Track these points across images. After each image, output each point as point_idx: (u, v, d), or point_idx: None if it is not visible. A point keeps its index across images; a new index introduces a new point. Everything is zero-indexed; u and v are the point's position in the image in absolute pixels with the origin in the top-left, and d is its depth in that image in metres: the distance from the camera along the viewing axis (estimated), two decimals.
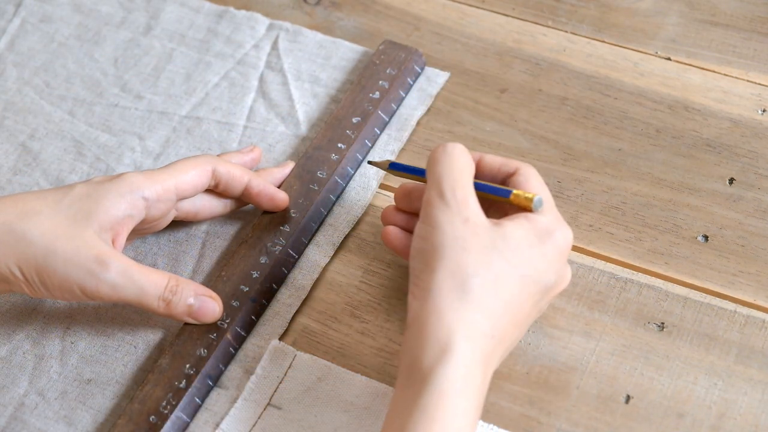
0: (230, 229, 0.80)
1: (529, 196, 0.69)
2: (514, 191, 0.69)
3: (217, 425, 0.71)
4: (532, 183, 0.70)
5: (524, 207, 0.69)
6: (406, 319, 0.66)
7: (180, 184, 0.75)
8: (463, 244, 0.65)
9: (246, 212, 0.81)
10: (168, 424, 0.70)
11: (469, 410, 0.63)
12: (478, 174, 0.72)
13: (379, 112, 0.83)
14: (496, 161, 0.72)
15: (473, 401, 0.63)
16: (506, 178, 0.71)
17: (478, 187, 0.70)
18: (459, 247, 0.65)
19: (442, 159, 0.68)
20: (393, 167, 0.76)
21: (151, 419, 0.70)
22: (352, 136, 0.82)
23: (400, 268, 0.77)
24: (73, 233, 0.70)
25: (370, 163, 0.79)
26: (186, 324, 0.74)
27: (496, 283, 0.65)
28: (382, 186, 0.81)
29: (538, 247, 0.67)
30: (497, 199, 0.70)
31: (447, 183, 0.67)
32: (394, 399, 0.64)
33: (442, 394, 0.62)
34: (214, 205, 0.79)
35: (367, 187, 0.81)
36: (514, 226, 0.67)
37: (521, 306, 0.66)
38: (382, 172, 0.81)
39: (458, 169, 0.68)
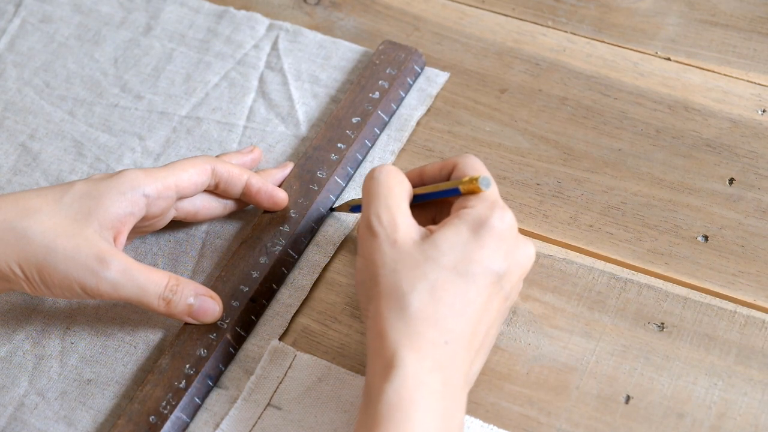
0: (230, 229, 0.80)
1: (474, 178, 0.68)
2: (460, 183, 0.69)
3: (217, 425, 0.71)
4: (473, 168, 0.70)
5: (475, 191, 0.68)
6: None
7: (180, 181, 0.75)
8: (394, 266, 0.66)
9: (246, 212, 0.81)
10: (168, 424, 0.70)
11: (427, 418, 0.62)
12: (427, 185, 0.72)
13: (379, 112, 0.83)
14: (435, 166, 0.72)
15: (431, 408, 0.63)
16: (450, 177, 0.72)
17: (426, 197, 0.71)
18: (390, 270, 0.66)
19: (368, 186, 0.70)
20: (354, 210, 0.78)
21: (151, 419, 0.70)
22: (352, 136, 0.82)
23: None
24: (73, 231, 0.71)
25: (332, 210, 0.80)
26: (186, 324, 0.74)
27: (434, 291, 0.65)
28: None
29: (474, 240, 0.67)
30: (454, 199, 0.70)
31: (372, 211, 0.68)
32: (356, 423, 0.65)
33: (392, 408, 0.62)
34: (214, 206, 0.79)
35: None
36: (445, 229, 0.67)
37: (473, 303, 0.66)
38: None
39: (383, 194, 0.68)
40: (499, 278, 0.67)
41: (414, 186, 0.72)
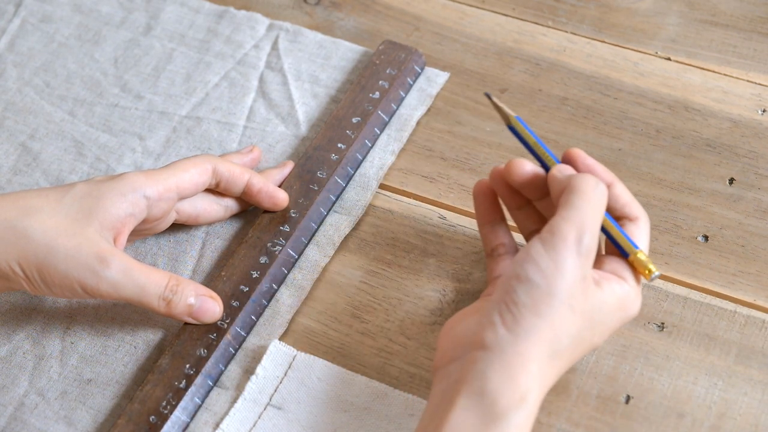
0: (230, 229, 0.80)
1: (650, 268, 0.67)
2: (638, 255, 0.67)
3: (217, 425, 0.71)
4: (644, 239, 0.69)
5: (639, 271, 0.68)
6: (486, 336, 0.63)
7: (181, 182, 0.75)
8: (574, 303, 0.63)
9: (246, 212, 0.81)
10: (168, 424, 0.70)
11: None
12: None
13: (379, 112, 0.83)
14: (622, 198, 0.69)
15: None
16: (621, 218, 0.69)
17: (604, 232, 0.68)
18: (569, 305, 0.63)
19: (592, 197, 0.65)
20: (511, 130, 0.71)
21: (151, 419, 0.70)
22: (352, 136, 0.82)
23: (400, 268, 0.77)
24: (74, 230, 0.71)
25: (488, 95, 0.71)
26: (186, 324, 0.74)
27: (577, 345, 0.65)
28: (382, 186, 0.81)
29: (617, 319, 0.67)
30: (617, 249, 0.68)
31: (588, 228, 0.64)
32: (453, 417, 0.62)
33: None
34: (215, 210, 0.79)
35: (367, 187, 0.81)
36: (611, 294, 0.66)
37: (577, 358, 0.67)
38: (382, 172, 0.81)
39: (598, 216, 0.65)
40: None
41: None
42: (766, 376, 0.70)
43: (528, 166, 0.70)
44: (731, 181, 0.79)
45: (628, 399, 0.70)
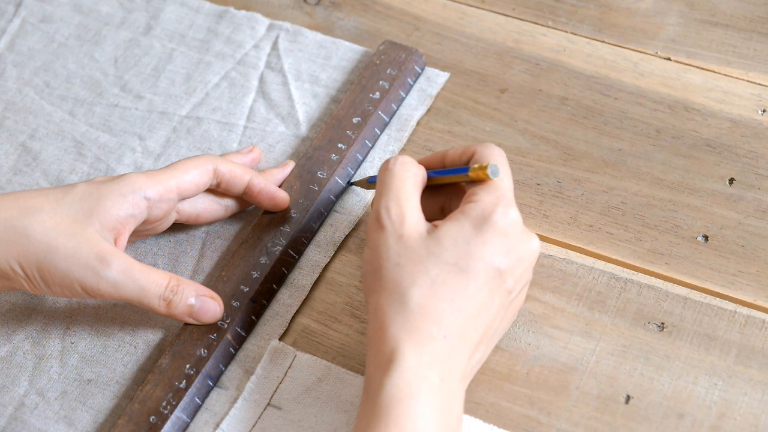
0: (230, 230, 0.80)
1: (483, 166, 0.68)
2: (470, 167, 0.69)
3: (217, 425, 0.71)
4: (491, 157, 0.70)
5: (483, 179, 0.69)
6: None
7: (182, 183, 0.75)
8: (397, 260, 0.67)
9: (246, 212, 0.81)
10: (168, 424, 0.70)
11: (426, 411, 0.63)
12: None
13: (380, 112, 0.83)
14: (456, 151, 0.72)
15: (430, 402, 0.64)
16: (473, 158, 0.71)
17: (438, 174, 0.71)
18: (393, 264, 0.67)
19: (382, 177, 0.70)
20: (372, 180, 0.78)
21: (151, 419, 0.70)
22: (353, 137, 0.82)
23: None
24: (74, 230, 0.71)
25: (351, 183, 0.81)
26: (186, 324, 0.74)
27: (434, 287, 0.66)
28: None
29: (476, 236, 0.67)
30: (461, 179, 0.70)
31: (383, 203, 0.68)
32: (357, 416, 0.65)
33: (392, 401, 0.63)
34: (215, 209, 0.79)
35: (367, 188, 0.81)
36: (448, 224, 0.67)
37: (473, 299, 0.66)
38: None
39: (395, 186, 0.69)
40: (500, 273, 0.67)
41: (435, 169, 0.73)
42: (766, 376, 0.70)
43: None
44: (731, 181, 0.79)
45: (628, 399, 0.70)
